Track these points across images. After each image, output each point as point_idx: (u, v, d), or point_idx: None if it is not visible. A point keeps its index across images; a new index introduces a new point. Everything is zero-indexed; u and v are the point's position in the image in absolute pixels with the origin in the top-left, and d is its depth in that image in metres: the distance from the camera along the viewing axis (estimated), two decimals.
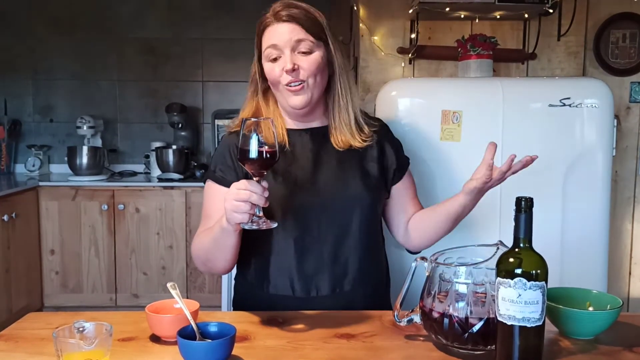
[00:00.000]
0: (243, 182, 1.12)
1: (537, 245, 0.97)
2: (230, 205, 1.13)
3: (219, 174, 1.37)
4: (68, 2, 3.84)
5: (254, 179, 1.14)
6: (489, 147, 1.28)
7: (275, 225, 1.16)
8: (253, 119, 1.14)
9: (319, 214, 1.33)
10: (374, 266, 1.43)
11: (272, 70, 1.32)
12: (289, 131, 1.38)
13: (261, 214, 1.14)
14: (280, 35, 1.30)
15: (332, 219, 1.34)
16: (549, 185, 1.92)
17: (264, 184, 1.14)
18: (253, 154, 1.12)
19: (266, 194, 1.13)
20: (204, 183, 1.41)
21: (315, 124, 1.42)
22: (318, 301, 1.33)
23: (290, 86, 1.30)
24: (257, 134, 1.12)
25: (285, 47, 1.30)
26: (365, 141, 1.38)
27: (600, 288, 1.94)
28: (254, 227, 1.14)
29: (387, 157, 1.43)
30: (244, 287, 1.44)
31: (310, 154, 1.37)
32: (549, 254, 1.01)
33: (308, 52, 1.31)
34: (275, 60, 1.31)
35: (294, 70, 1.29)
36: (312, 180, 1.35)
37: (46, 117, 3.92)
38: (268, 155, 1.13)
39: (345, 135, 1.37)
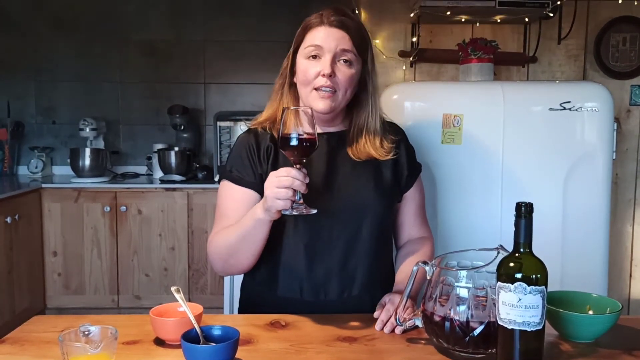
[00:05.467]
0: (284, 170, 1.15)
1: (537, 247, 0.98)
2: (272, 192, 1.15)
3: (236, 174, 1.37)
4: (70, 3, 3.85)
5: (295, 166, 1.16)
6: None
7: (314, 211, 1.18)
8: (292, 108, 1.16)
9: (331, 220, 1.33)
10: (383, 271, 1.43)
11: (307, 69, 1.31)
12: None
13: (301, 200, 1.16)
14: (328, 39, 1.30)
15: (344, 225, 1.34)
16: (549, 188, 1.93)
17: (304, 170, 1.16)
18: (294, 141, 1.14)
19: (307, 180, 1.15)
20: (219, 183, 1.42)
21: (332, 128, 1.42)
22: (326, 305, 1.34)
23: (321, 90, 1.30)
24: (298, 121, 1.14)
25: (328, 51, 1.29)
26: (386, 154, 1.38)
27: (600, 290, 1.95)
28: (295, 212, 1.16)
29: (400, 163, 1.43)
30: (252, 287, 1.45)
31: (325, 158, 1.37)
32: (550, 256, 1.02)
33: (348, 64, 1.31)
34: (313, 59, 1.31)
35: (331, 76, 1.28)
36: (326, 186, 1.35)
37: (49, 119, 3.93)
38: (308, 143, 1.15)
39: (368, 149, 1.37)
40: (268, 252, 1.34)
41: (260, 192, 1.33)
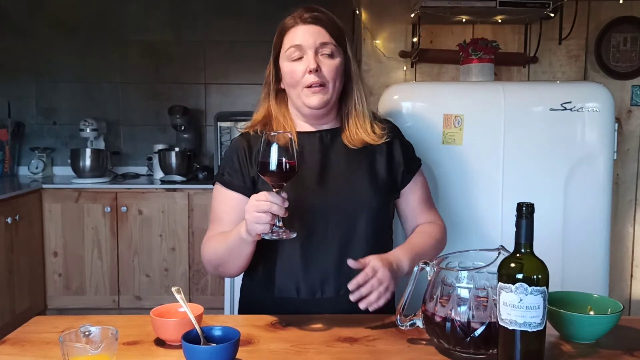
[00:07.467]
0: (263, 194, 1.15)
1: (538, 248, 0.98)
2: (251, 216, 1.16)
3: (227, 178, 1.39)
4: (71, 4, 3.86)
5: (274, 190, 1.16)
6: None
7: (294, 235, 1.18)
8: (272, 133, 1.16)
9: (326, 217, 1.34)
10: None
11: (293, 70, 1.33)
12: (299, 134, 1.38)
13: (281, 224, 1.17)
14: (305, 36, 1.32)
15: (339, 222, 1.35)
16: (550, 188, 1.93)
17: (284, 194, 1.16)
18: (273, 166, 1.14)
19: (286, 204, 1.15)
20: (214, 185, 1.43)
21: (325, 126, 1.43)
22: (323, 303, 1.34)
23: (311, 87, 1.31)
24: (277, 146, 1.14)
25: (309, 48, 1.31)
26: (379, 138, 1.39)
27: (601, 291, 1.95)
28: (274, 237, 1.17)
29: (395, 160, 1.43)
30: (250, 289, 1.45)
31: (319, 156, 1.38)
32: (551, 257, 1.02)
33: (330, 56, 1.33)
34: (297, 60, 1.32)
35: (317, 70, 1.30)
36: (320, 183, 1.36)
37: (49, 120, 3.93)
38: (288, 167, 1.14)
39: (360, 134, 1.39)
40: (264, 254, 1.35)
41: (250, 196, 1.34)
